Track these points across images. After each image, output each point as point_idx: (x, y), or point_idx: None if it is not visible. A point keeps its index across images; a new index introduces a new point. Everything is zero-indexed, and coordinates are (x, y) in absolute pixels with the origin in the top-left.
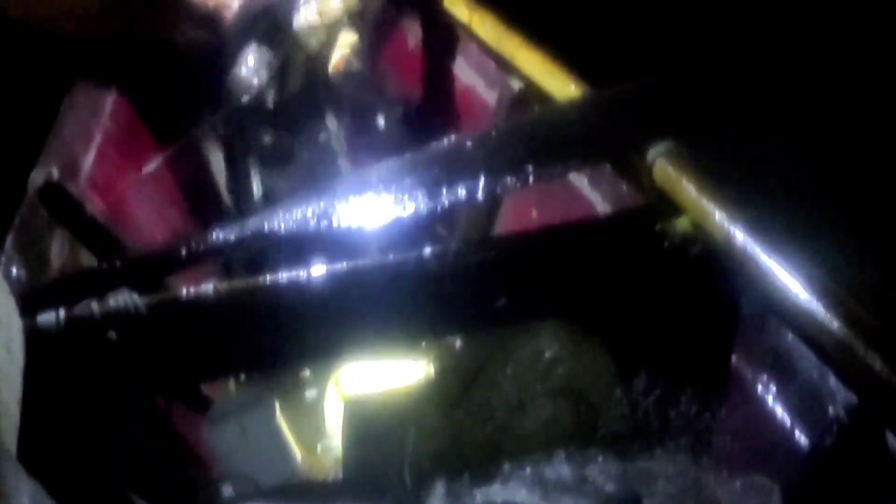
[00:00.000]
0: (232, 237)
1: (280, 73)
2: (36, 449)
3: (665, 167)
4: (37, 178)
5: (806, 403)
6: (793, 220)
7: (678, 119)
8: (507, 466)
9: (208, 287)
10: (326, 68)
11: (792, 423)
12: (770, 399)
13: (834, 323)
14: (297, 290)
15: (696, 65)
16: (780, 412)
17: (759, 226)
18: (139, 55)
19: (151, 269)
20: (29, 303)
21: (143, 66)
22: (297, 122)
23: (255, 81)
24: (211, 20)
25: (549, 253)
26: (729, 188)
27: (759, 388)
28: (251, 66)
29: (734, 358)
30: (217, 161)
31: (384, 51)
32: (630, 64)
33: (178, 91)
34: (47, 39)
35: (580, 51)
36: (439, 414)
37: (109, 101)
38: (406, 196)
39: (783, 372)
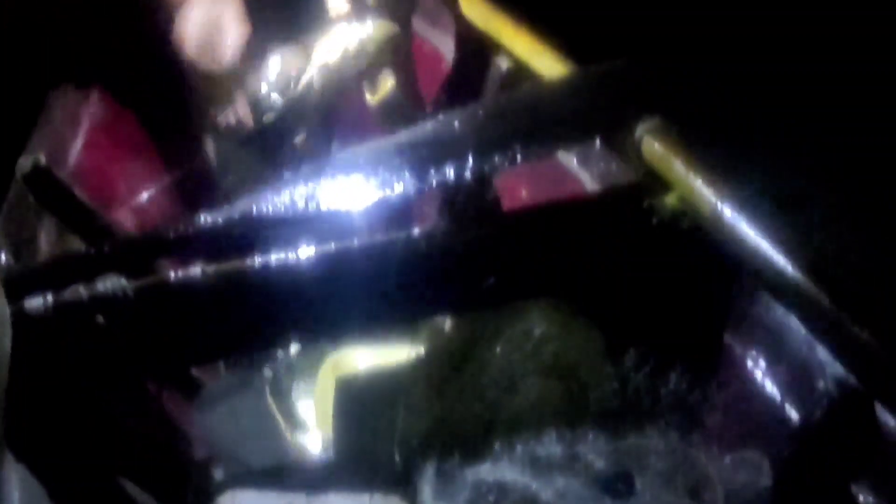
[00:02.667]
0: (220, 220)
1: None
2: (24, 434)
3: (653, 144)
4: (24, 163)
5: (796, 378)
6: (781, 195)
7: (666, 96)
8: (497, 446)
9: (196, 270)
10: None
11: (782, 399)
12: (760, 374)
13: (822, 296)
14: (286, 272)
15: (684, 42)
16: (771, 387)
17: (748, 201)
18: (126, 45)
19: (139, 253)
20: (16, 288)
21: (131, 55)
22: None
23: (274, 100)
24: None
25: (538, 231)
26: (717, 164)
27: (750, 363)
28: (271, 82)
29: (724, 334)
30: (207, 145)
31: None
32: (617, 41)
33: (166, 77)
34: (34, 28)
35: (567, 29)
36: (429, 394)
37: (97, 87)
38: (394, 176)
39: (773, 347)
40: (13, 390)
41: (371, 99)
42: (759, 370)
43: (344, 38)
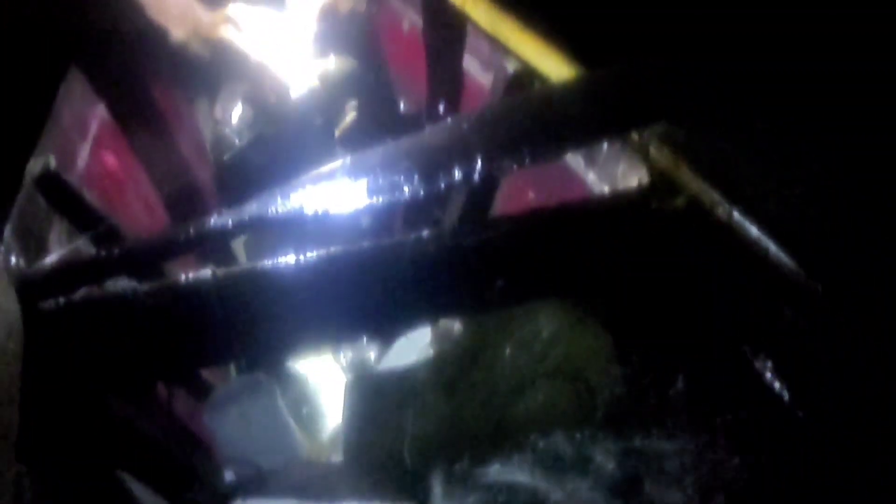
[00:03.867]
0: (230, 223)
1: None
2: (36, 436)
3: (660, 147)
4: (35, 166)
5: (805, 378)
6: (789, 197)
7: (673, 99)
8: (506, 448)
9: (206, 272)
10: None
11: (791, 399)
12: (769, 375)
13: (829, 296)
14: (295, 275)
15: (690, 46)
16: (780, 388)
17: (755, 203)
18: (131, 43)
19: (150, 256)
20: (28, 291)
21: (138, 55)
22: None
23: (237, 141)
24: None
25: (546, 234)
26: (725, 167)
27: (758, 364)
28: (233, 124)
29: (732, 335)
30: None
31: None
32: (625, 45)
33: (174, 78)
34: (42, 27)
35: (575, 32)
36: (439, 396)
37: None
38: (403, 179)
39: (781, 348)
40: (24, 392)
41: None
42: (767, 371)
43: (305, 74)
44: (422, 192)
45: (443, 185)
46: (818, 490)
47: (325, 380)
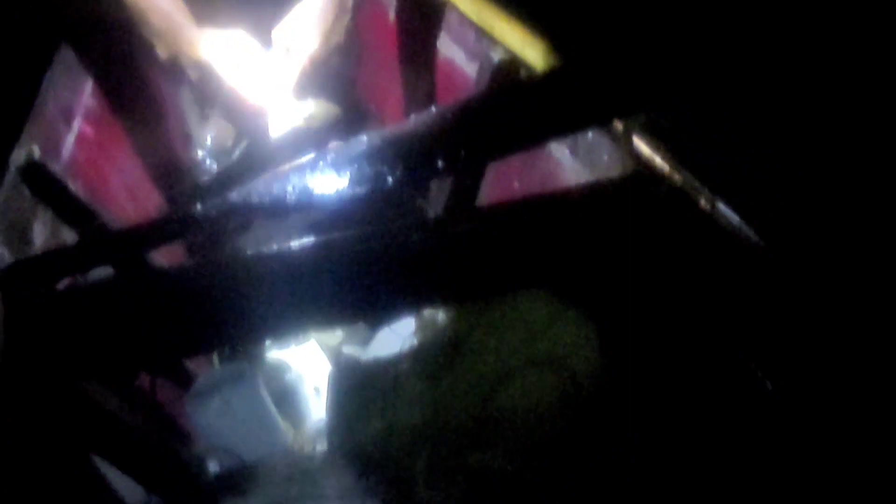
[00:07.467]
0: (213, 211)
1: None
2: (18, 426)
3: (643, 137)
4: (18, 156)
5: (786, 366)
6: (769, 188)
7: (656, 89)
8: (490, 436)
9: (190, 261)
10: None
11: (769, 382)
12: (753, 364)
13: (811, 287)
14: (279, 263)
15: (673, 37)
16: (762, 377)
17: (736, 194)
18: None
19: (133, 246)
20: (10, 280)
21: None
22: None
23: (210, 165)
24: None
25: (531, 223)
26: (706, 157)
27: (741, 354)
28: (208, 148)
29: (714, 323)
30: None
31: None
32: (608, 35)
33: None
34: (26, 17)
35: (559, 21)
36: (423, 385)
37: (90, 78)
38: (388, 168)
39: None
40: (4, 382)
41: None
42: (752, 361)
43: (287, 112)
44: (406, 182)
45: (428, 175)
46: (813, 488)
47: (309, 369)
